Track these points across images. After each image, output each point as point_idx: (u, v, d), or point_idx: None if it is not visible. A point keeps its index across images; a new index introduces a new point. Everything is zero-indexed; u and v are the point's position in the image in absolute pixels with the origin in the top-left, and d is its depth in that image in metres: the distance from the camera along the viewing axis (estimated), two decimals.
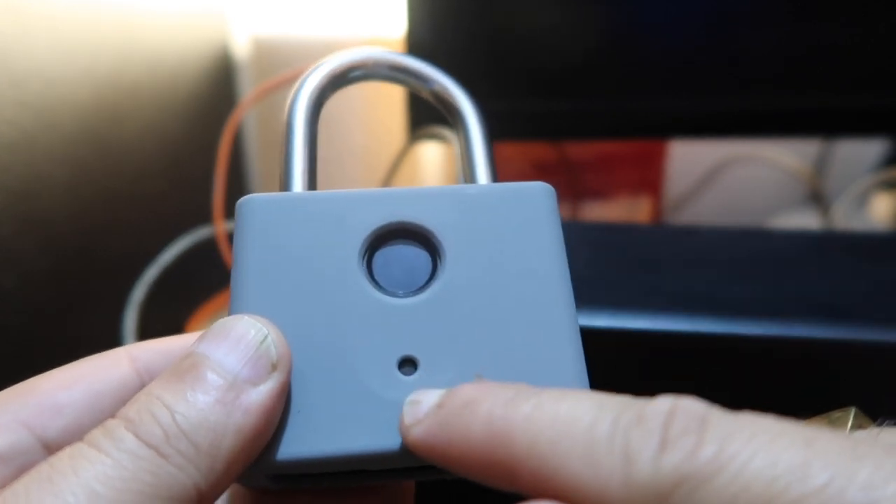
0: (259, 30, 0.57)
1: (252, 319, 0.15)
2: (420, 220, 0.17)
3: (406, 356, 0.15)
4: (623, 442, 0.11)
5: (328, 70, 0.20)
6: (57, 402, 0.15)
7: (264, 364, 0.14)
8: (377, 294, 0.16)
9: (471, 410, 0.13)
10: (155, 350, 0.17)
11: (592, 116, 0.42)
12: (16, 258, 0.32)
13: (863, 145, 0.61)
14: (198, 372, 0.14)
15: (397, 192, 0.17)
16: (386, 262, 0.16)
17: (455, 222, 0.17)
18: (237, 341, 0.14)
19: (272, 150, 0.60)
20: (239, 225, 0.16)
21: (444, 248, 0.16)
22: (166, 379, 0.14)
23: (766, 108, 0.41)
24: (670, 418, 0.11)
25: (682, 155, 0.62)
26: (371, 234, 0.16)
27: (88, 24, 0.37)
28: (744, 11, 0.39)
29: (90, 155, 0.37)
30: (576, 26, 0.40)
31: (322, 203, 0.17)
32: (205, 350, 0.14)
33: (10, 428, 0.15)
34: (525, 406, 0.12)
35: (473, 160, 0.19)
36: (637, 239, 0.35)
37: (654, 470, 0.11)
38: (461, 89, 0.21)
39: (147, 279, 0.40)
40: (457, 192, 0.17)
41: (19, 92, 0.32)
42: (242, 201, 0.17)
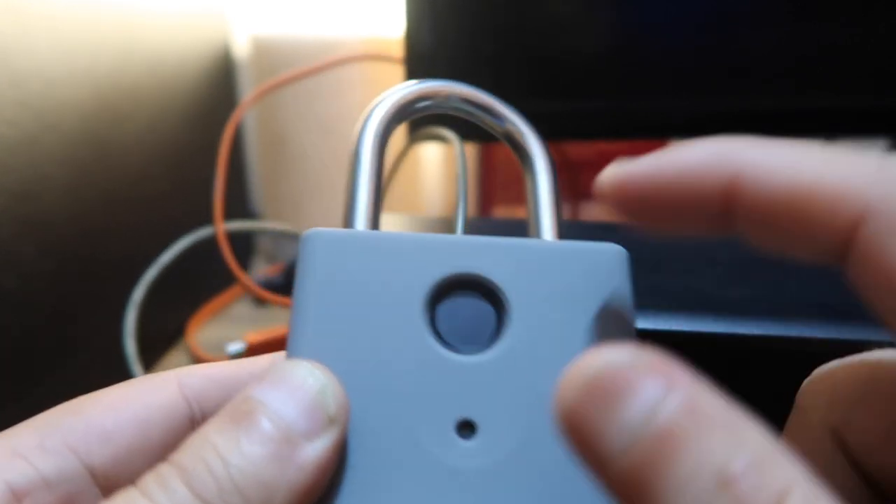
0: (259, 30, 0.57)
1: (311, 366, 0.14)
2: (488, 274, 0.16)
3: (465, 419, 0.15)
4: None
5: (396, 100, 0.19)
6: (105, 427, 0.15)
7: (321, 417, 0.13)
8: (440, 348, 0.15)
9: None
10: (204, 376, 0.17)
11: (592, 116, 0.42)
12: (16, 259, 0.32)
13: (863, 145, 0.61)
14: (253, 419, 0.13)
15: (466, 241, 0.16)
16: (450, 314, 0.16)
17: (524, 279, 0.16)
18: (295, 389, 0.14)
19: (272, 150, 0.60)
20: (303, 259, 0.16)
21: (510, 305, 0.16)
22: (221, 423, 0.13)
23: (766, 108, 0.41)
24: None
25: None
26: (437, 283, 0.16)
27: (88, 25, 0.37)
28: (744, 12, 0.39)
29: (90, 155, 0.37)
30: (576, 26, 0.40)
31: (389, 245, 0.16)
32: (262, 396, 0.13)
33: (58, 452, 0.14)
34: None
35: (540, 211, 0.19)
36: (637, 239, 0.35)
37: None
38: (534, 133, 0.20)
39: (147, 279, 0.40)
40: (528, 246, 0.16)
41: (19, 92, 0.32)
42: (308, 235, 0.16)
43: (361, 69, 0.55)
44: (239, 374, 0.17)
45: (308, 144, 0.58)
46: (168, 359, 0.46)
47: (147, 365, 0.42)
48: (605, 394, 0.11)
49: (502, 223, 0.39)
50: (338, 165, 0.59)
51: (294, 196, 0.60)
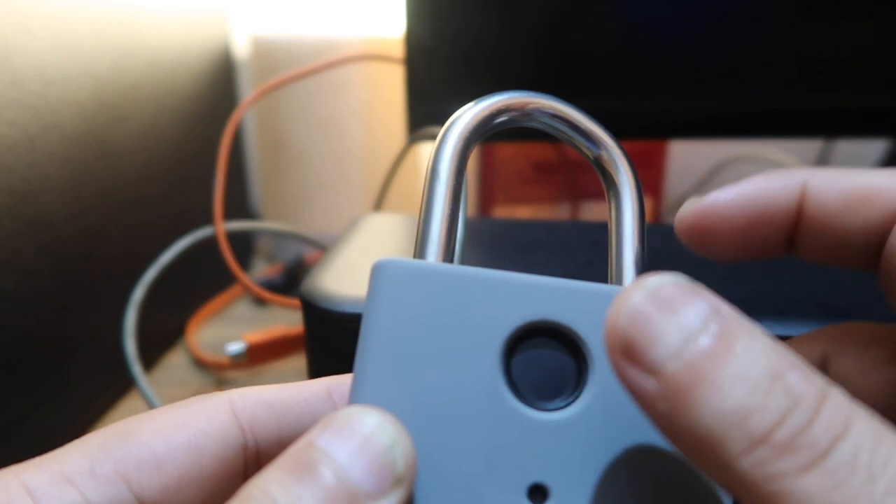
0: (259, 30, 0.57)
1: (383, 418, 0.13)
2: (571, 323, 0.15)
3: (537, 483, 0.14)
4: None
5: (476, 113, 0.17)
6: (158, 455, 0.14)
7: (389, 476, 0.12)
8: (515, 403, 0.14)
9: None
10: (259, 401, 0.16)
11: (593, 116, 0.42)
12: (16, 259, 0.32)
13: (863, 145, 0.61)
14: (317, 473, 0.12)
15: (548, 283, 0.15)
16: (527, 364, 0.15)
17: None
18: (364, 442, 0.13)
19: (272, 150, 0.60)
20: (373, 290, 0.15)
21: (592, 359, 0.14)
22: (281, 472, 0.12)
23: (766, 108, 0.41)
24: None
25: (682, 155, 0.62)
26: (516, 329, 0.15)
27: (89, 25, 0.37)
28: (744, 12, 0.39)
29: (90, 155, 0.37)
30: (576, 27, 0.40)
31: (467, 282, 0.15)
32: (327, 446, 0.13)
33: (110, 480, 0.14)
34: None
35: (623, 251, 0.17)
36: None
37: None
38: (628, 162, 0.18)
39: (147, 279, 0.40)
40: (613, 294, 0.15)
41: (19, 92, 0.32)
42: (379, 265, 0.15)
43: (361, 69, 0.55)
44: (294, 399, 0.17)
45: (308, 144, 0.58)
46: (168, 359, 0.46)
47: (147, 365, 0.42)
48: (668, 299, 0.12)
49: (503, 223, 0.39)
50: (338, 165, 0.59)
51: (294, 196, 0.60)
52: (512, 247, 0.34)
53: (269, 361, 0.44)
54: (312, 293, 0.28)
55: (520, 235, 0.36)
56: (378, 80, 0.56)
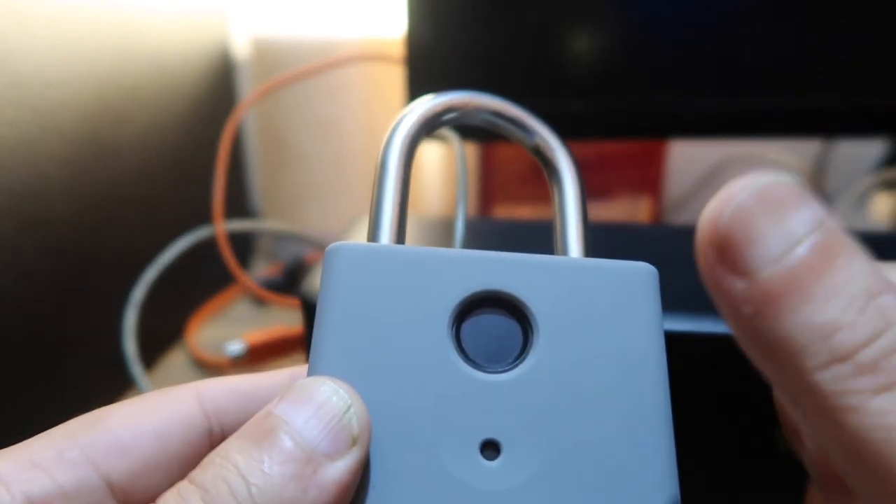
0: (259, 30, 0.57)
1: (336, 385, 0.14)
2: (515, 291, 0.16)
3: (489, 439, 0.14)
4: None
5: (423, 111, 0.19)
6: (124, 441, 0.15)
7: (345, 437, 0.13)
8: (465, 367, 0.15)
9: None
10: (224, 389, 0.17)
11: (593, 116, 0.42)
12: (16, 258, 0.32)
13: (863, 145, 0.61)
14: (275, 437, 0.13)
15: (493, 257, 0.16)
16: (475, 331, 0.16)
17: (551, 297, 0.16)
18: (319, 408, 0.13)
19: (272, 150, 0.60)
20: (326, 273, 0.16)
21: (537, 323, 0.15)
22: (243, 441, 0.13)
23: (766, 108, 0.41)
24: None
25: (682, 155, 0.62)
26: (463, 300, 0.16)
27: (89, 25, 0.37)
28: (744, 11, 0.39)
29: (90, 155, 0.37)
30: (576, 27, 0.40)
31: (415, 260, 0.16)
32: (284, 413, 0.13)
33: (77, 465, 0.14)
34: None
35: (567, 227, 0.19)
36: (637, 239, 0.35)
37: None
38: (564, 148, 0.20)
39: (147, 279, 0.40)
40: (555, 264, 0.16)
41: (19, 93, 0.32)
42: (332, 249, 0.16)
43: (361, 70, 0.55)
44: (259, 387, 0.17)
45: (308, 144, 0.58)
46: (168, 359, 0.46)
47: (147, 365, 0.42)
48: (777, 202, 0.11)
49: (503, 223, 0.39)
50: (337, 165, 0.59)
51: (294, 196, 0.60)
52: (512, 247, 0.34)
53: (269, 361, 0.44)
54: (312, 293, 0.28)
55: (520, 235, 0.36)
56: (378, 80, 0.56)
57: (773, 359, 0.11)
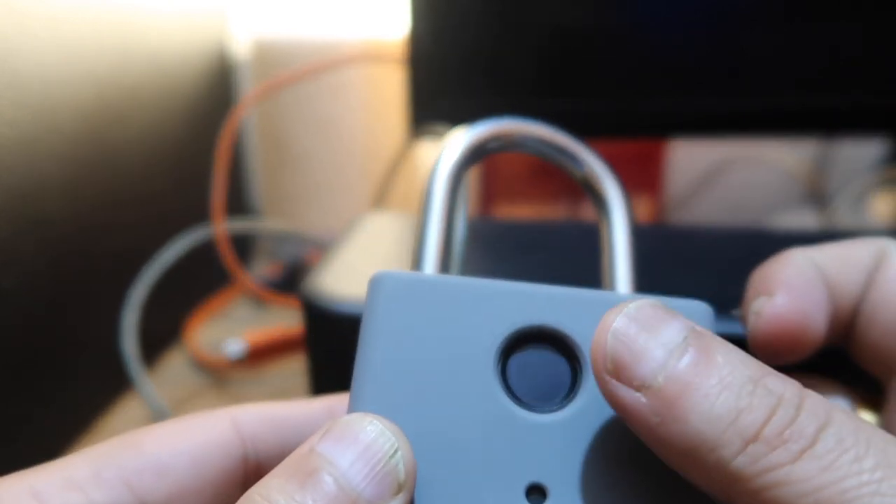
0: (259, 30, 0.57)
1: (383, 426, 0.13)
2: (564, 327, 0.15)
3: (535, 483, 0.14)
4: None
5: (470, 141, 0.18)
6: (161, 463, 0.15)
7: (390, 482, 0.13)
8: (511, 406, 0.14)
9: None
10: (260, 417, 0.17)
11: (592, 116, 0.42)
12: (15, 258, 0.32)
13: (863, 145, 0.61)
14: (318, 479, 0.12)
15: (542, 291, 0.15)
16: (522, 368, 0.15)
17: None
18: (365, 450, 0.13)
19: (272, 150, 0.60)
20: (371, 302, 0.15)
21: (586, 361, 0.15)
22: (283, 478, 0.12)
23: (766, 108, 0.41)
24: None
25: (682, 155, 0.62)
26: (511, 335, 0.15)
27: (89, 25, 0.37)
28: (744, 11, 0.39)
29: (90, 155, 0.37)
30: (576, 27, 0.40)
31: (461, 291, 0.15)
32: (328, 452, 0.13)
33: (113, 485, 0.14)
34: None
35: (616, 262, 0.18)
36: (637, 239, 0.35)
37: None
38: (615, 178, 0.19)
39: (147, 279, 0.40)
40: (605, 299, 0.15)
41: (19, 93, 0.32)
42: (376, 277, 0.15)
43: (361, 70, 0.55)
44: (294, 415, 0.17)
45: (308, 144, 0.58)
46: (167, 358, 0.46)
47: (147, 365, 0.42)
48: (647, 320, 0.13)
49: (503, 223, 0.39)
50: (337, 165, 0.59)
51: (294, 196, 0.60)
52: (512, 247, 0.34)
53: (268, 361, 0.44)
54: (312, 293, 0.28)
55: (520, 235, 0.36)
56: (378, 80, 0.56)
57: (693, 458, 0.12)
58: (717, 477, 0.12)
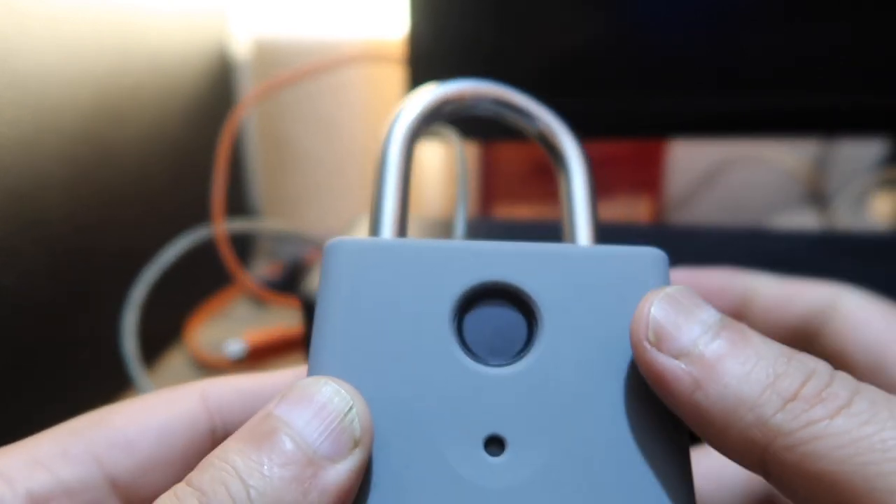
0: (259, 30, 0.57)
1: (337, 385, 0.13)
2: (518, 282, 0.15)
3: (493, 434, 0.14)
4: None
5: (422, 104, 0.18)
6: (129, 437, 0.15)
7: (346, 439, 0.13)
8: (467, 361, 0.14)
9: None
10: (227, 388, 0.17)
11: (592, 116, 0.42)
12: (15, 258, 0.32)
13: (863, 145, 0.61)
14: (275, 439, 0.13)
15: (495, 246, 0.15)
16: (478, 324, 0.15)
17: (556, 286, 0.15)
18: (320, 409, 0.13)
19: (272, 149, 0.60)
20: (326, 269, 0.15)
21: (541, 314, 0.15)
22: (241, 443, 0.13)
23: (766, 108, 0.41)
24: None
25: (682, 155, 0.62)
26: (465, 292, 0.15)
27: (88, 25, 0.37)
28: (744, 11, 0.39)
29: (90, 155, 0.37)
30: (576, 26, 0.40)
31: (415, 253, 0.15)
32: (284, 414, 0.13)
33: (81, 460, 0.14)
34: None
35: (575, 215, 0.18)
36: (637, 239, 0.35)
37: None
38: (569, 132, 0.19)
39: (147, 279, 0.40)
40: (560, 252, 0.15)
41: (19, 93, 0.32)
42: (331, 245, 0.15)
43: (362, 70, 0.55)
44: (262, 386, 0.17)
45: (308, 144, 0.58)
46: (168, 358, 0.46)
47: (147, 365, 0.42)
48: (684, 302, 0.14)
49: (503, 223, 0.39)
50: (338, 165, 0.59)
51: (294, 196, 0.60)
52: None
53: (268, 361, 0.44)
54: (312, 293, 0.28)
55: (520, 235, 0.36)
56: (378, 80, 0.56)
57: (730, 419, 0.13)
58: (754, 434, 0.12)
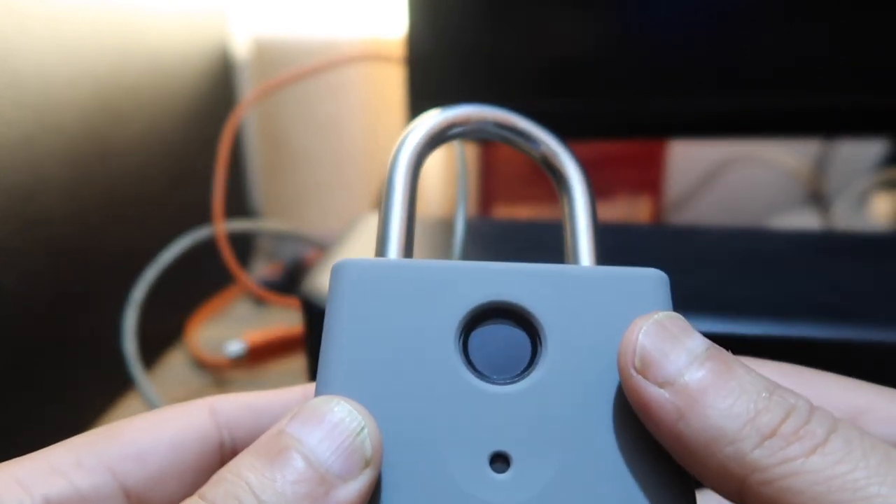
0: (259, 30, 0.57)
1: (349, 406, 0.14)
2: (523, 302, 0.16)
3: (499, 452, 0.14)
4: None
5: (428, 128, 0.19)
6: (141, 449, 0.15)
7: (358, 459, 0.13)
8: (473, 379, 0.15)
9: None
10: (237, 405, 0.17)
11: (592, 116, 0.42)
12: (16, 258, 0.32)
13: (863, 145, 0.61)
14: (288, 456, 0.13)
15: (500, 267, 0.16)
16: (483, 343, 0.15)
17: (560, 306, 0.16)
18: (332, 428, 0.13)
19: (272, 150, 0.60)
20: (334, 289, 0.16)
21: (545, 334, 0.15)
22: (253, 458, 0.13)
23: (766, 108, 0.41)
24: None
25: (682, 155, 0.62)
26: (470, 312, 0.15)
27: (89, 25, 0.37)
28: (744, 11, 0.39)
29: (90, 155, 0.37)
30: (576, 27, 0.40)
31: (421, 273, 0.16)
32: (297, 432, 0.13)
33: (95, 470, 0.15)
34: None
35: (577, 236, 0.18)
36: (637, 239, 0.35)
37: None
38: (571, 155, 0.20)
39: (147, 279, 0.40)
40: (564, 273, 0.16)
41: (19, 93, 0.32)
42: (339, 265, 0.16)
43: (361, 70, 0.55)
44: (270, 402, 0.17)
45: (308, 144, 0.58)
46: (168, 359, 0.46)
47: (147, 365, 0.42)
48: (672, 329, 0.14)
49: (503, 223, 0.39)
50: (337, 165, 0.59)
51: (294, 196, 0.60)
52: (512, 247, 0.34)
53: (269, 361, 0.44)
54: (312, 293, 0.28)
55: (519, 236, 0.36)
56: (378, 80, 0.56)
57: (710, 451, 0.13)
58: (733, 467, 0.13)
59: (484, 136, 0.20)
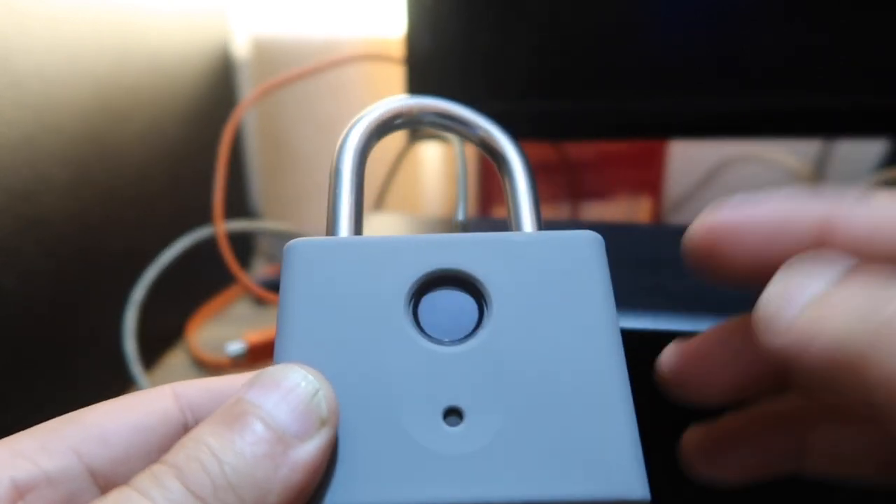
0: (259, 30, 0.57)
1: (304, 371, 0.15)
2: (467, 268, 0.17)
3: (451, 406, 0.15)
4: None
5: (373, 119, 0.20)
6: (105, 432, 0.16)
7: (314, 419, 0.14)
8: (423, 341, 0.16)
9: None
10: (199, 387, 0.17)
11: (592, 116, 0.42)
12: (16, 258, 0.32)
13: (863, 145, 0.61)
14: (246, 420, 0.13)
15: (444, 238, 0.17)
16: (432, 308, 0.16)
17: (502, 270, 0.17)
18: (288, 392, 0.14)
19: (272, 150, 0.60)
20: (286, 269, 0.17)
21: (491, 296, 0.16)
22: (214, 424, 0.14)
23: (766, 108, 0.41)
24: None
25: (682, 155, 0.62)
26: (418, 280, 0.16)
27: (89, 25, 0.37)
28: (744, 11, 0.39)
29: (90, 155, 0.37)
30: (576, 27, 0.40)
31: (369, 248, 0.17)
32: (255, 398, 0.14)
33: (61, 453, 0.15)
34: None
35: (519, 207, 0.20)
36: (637, 239, 0.35)
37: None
38: (506, 135, 0.21)
39: (147, 279, 0.40)
40: (504, 239, 0.17)
41: (19, 93, 0.32)
42: (290, 245, 0.17)
43: (361, 69, 0.55)
44: (231, 385, 0.18)
45: (308, 144, 0.58)
46: (168, 359, 0.46)
47: (147, 365, 0.42)
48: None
49: (503, 223, 0.39)
50: None
51: (294, 196, 0.60)
52: None
53: (268, 361, 0.44)
54: None
55: None
56: (378, 80, 0.56)
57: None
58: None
59: (427, 125, 0.21)
